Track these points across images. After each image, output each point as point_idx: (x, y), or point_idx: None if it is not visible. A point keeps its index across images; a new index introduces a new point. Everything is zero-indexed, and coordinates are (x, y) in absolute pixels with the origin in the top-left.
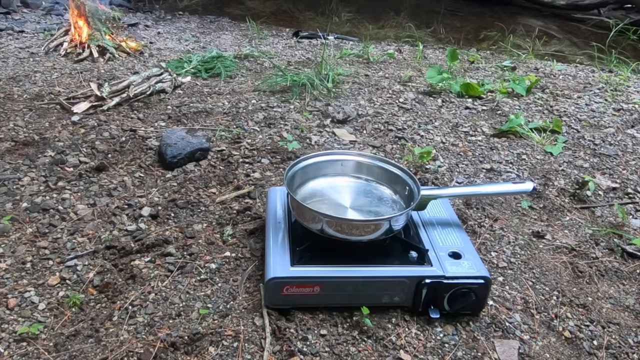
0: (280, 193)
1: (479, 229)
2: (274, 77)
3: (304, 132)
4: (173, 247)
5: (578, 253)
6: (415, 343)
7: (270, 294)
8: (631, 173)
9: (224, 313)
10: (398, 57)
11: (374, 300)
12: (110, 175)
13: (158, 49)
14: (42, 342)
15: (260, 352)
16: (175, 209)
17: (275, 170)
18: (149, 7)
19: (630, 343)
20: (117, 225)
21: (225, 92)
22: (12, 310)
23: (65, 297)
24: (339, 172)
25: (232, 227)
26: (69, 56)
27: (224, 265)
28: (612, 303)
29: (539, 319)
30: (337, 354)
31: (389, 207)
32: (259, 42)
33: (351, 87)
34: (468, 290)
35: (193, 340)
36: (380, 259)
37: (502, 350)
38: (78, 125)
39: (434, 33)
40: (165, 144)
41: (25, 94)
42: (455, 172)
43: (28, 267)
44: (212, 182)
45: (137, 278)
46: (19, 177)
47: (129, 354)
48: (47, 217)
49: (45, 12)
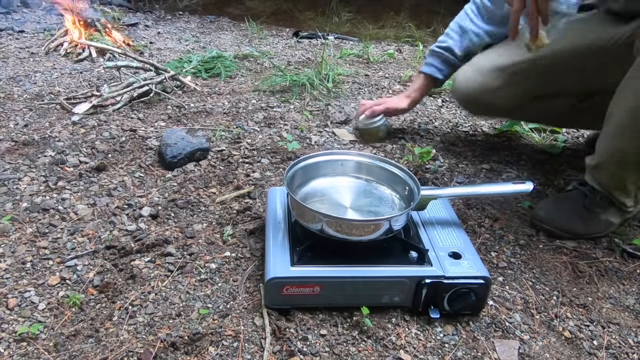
0: (280, 193)
1: (479, 229)
2: (274, 77)
3: (303, 132)
4: (173, 247)
5: (578, 253)
6: (415, 343)
7: (270, 294)
8: None
9: (224, 313)
10: (398, 57)
11: (374, 300)
12: (110, 175)
13: (158, 49)
14: (42, 342)
15: (260, 352)
16: (175, 209)
17: (275, 170)
18: (149, 7)
19: (630, 343)
20: (117, 225)
21: (225, 92)
22: (12, 310)
23: (65, 297)
24: (339, 172)
25: (232, 227)
26: (69, 56)
27: (224, 265)
28: (612, 303)
29: (539, 319)
30: (337, 354)
31: (389, 207)
32: (259, 42)
33: (351, 87)
34: (468, 290)
35: (193, 340)
36: (381, 259)
37: (502, 350)
38: (78, 125)
39: (434, 33)
40: (165, 144)
41: (25, 94)
42: (455, 172)
43: (28, 267)
44: (212, 182)
45: (137, 278)
46: (19, 177)
47: (129, 354)
48: (47, 217)
49: (45, 12)
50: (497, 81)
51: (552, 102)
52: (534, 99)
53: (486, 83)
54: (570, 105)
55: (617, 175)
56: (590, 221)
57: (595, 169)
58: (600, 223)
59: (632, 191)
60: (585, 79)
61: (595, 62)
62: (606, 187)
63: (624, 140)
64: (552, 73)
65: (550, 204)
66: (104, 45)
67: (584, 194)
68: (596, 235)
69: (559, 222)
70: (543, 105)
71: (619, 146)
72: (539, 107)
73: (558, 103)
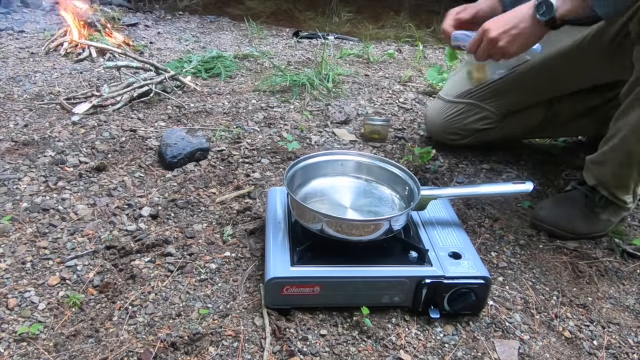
0: (280, 193)
1: (479, 229)
2: (274, 77)
3: (303, 132)
4: (173, 247)
5: (578, 253)
6: (415, 343)
7: (270, 294)
8: None
9: (224, 313)
10: (398, 57)
11: (374, 300)
12: (110, 175)
13: (158, 49)
14: (42, 342)
15: (260, 352)
16: (175, 209)
17: (275, 170)
18: (149, 7)
19: (630, 343)
20: (117, 225)
21: (225, 92)
22: (12, 310)
23: (65, 297)
24: (339, 172)
25: (232, 227)
26: (69, 56)
27: (224, 265)
28: (612, 303)
29: (539, 319)
30: (337, 354)
31: (389, 207)
32: (259, 42)
33: (351, 87)
34: (468, 290)
35: (193, 340)
36: (380, 259)
37: (502, 350)
38: (78, 125)
39: (434, 33)
40: (165, 144)
41: (25, 94)
42: (455, 172)
43: (28, 267)
44: (212, 182)
45: (137, 278)
46: (19, 177)
47: (129, 354)
48: (47, 217)
49: (45, 12)
50: (462, 106)
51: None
52: (505, 116)
53: (452, 109)
54: (542, 117)
55: (619, 174)
56: (591, 221)
57: (597, 167)
58: (600, 222)
59: (631, 188)
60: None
61: (568, 65)
62: (607, 185)
63: (632, 140)
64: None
65: (551, 204)
66: (104, 45)
67: (584, 193)
68: (597, 234)
69: (561, 223)
70: (514, 119)
71: (627, 146)
72: (510, 122)
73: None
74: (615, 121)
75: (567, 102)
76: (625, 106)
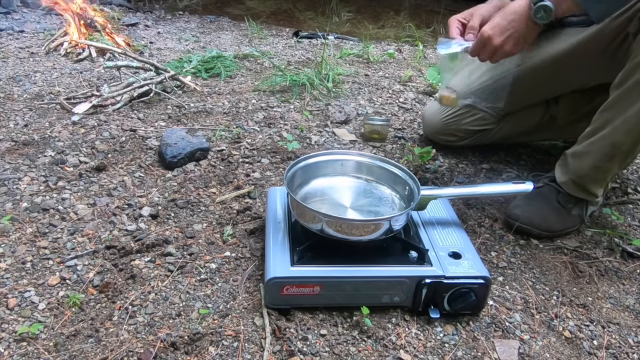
0: (280, 193)
1: (479, 229)
2: (274, 77)
3: (303, 131)
4: (173, 247)
5: (578, 253)
6: (415, 343)
7: (270, 294)
8: (631, 173)
9: (224, 313)
10: (398, 57)
11: (374, 300)
12: (110, 175)
13: (158, 48)
14: (42, 342)
15: (260, 352)
16: (175, 208)
17: (275, 170)
18: (149, 7)
19: (630, 343)
20: (117, 225)
21: (225, 92)
22: (12, 310)
23: (65, 297)
24: (339, 172)
25: (232, 227)
26: (69, 56)
27: (224, 265)
28: (612, 303)
29: (539, 319)
30: (337, 354)
31: (389, 207)
32: (259, 42)
33: (351, 87)
34: (468, 290)
35: (193, 340)
36: (380, 259)
37: (502, 350)
38: (78, 125)
39: (434, 33)
40: (165, 144)
41: (25, 94)
42: (455, 172)
43: (28, 267)
44: (212, 182)
45: (137, 278)
46: (19, 177)
47: (129, 354)
48: (47, 217)
49: (45, 12)
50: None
51: (519, 117)
52: (502, 118)
53: (449, 111)
54: (539, 119)
55: (600, 168)
56: (564, 217)
57: (578, 159)
58: (573, 218)
59: (606, 182)
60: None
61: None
62: (583, 179)
63: (621, 131)
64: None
65: (524, 202)
66: (104, 45)
67: (556, 190)
68: (570, 230)
69: (535, 220)
70: (512, 121)
71: (615, 137)
72: (507, 124)
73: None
74: (602, 113)
75: (565, 104)
76: (617, 97)
